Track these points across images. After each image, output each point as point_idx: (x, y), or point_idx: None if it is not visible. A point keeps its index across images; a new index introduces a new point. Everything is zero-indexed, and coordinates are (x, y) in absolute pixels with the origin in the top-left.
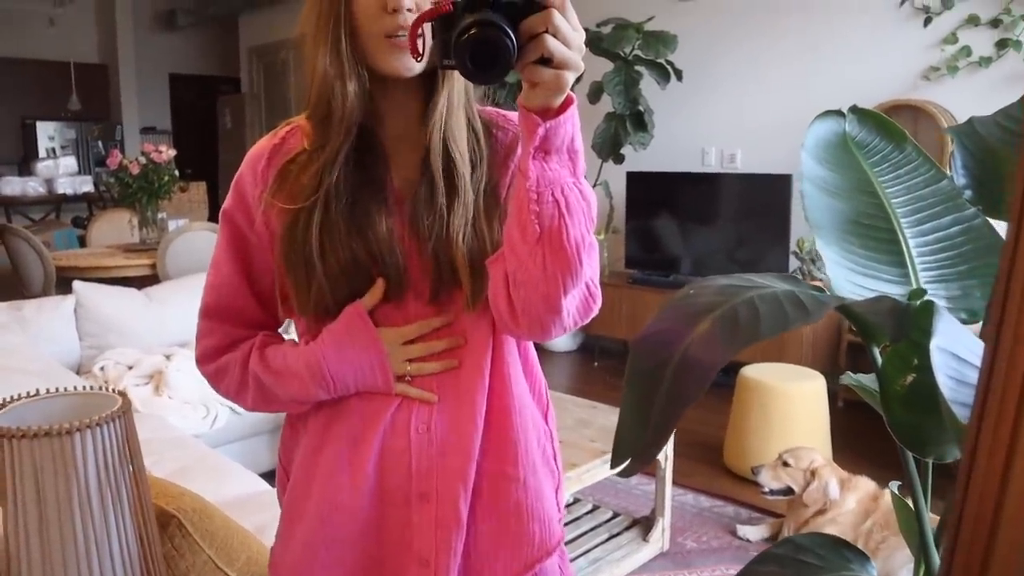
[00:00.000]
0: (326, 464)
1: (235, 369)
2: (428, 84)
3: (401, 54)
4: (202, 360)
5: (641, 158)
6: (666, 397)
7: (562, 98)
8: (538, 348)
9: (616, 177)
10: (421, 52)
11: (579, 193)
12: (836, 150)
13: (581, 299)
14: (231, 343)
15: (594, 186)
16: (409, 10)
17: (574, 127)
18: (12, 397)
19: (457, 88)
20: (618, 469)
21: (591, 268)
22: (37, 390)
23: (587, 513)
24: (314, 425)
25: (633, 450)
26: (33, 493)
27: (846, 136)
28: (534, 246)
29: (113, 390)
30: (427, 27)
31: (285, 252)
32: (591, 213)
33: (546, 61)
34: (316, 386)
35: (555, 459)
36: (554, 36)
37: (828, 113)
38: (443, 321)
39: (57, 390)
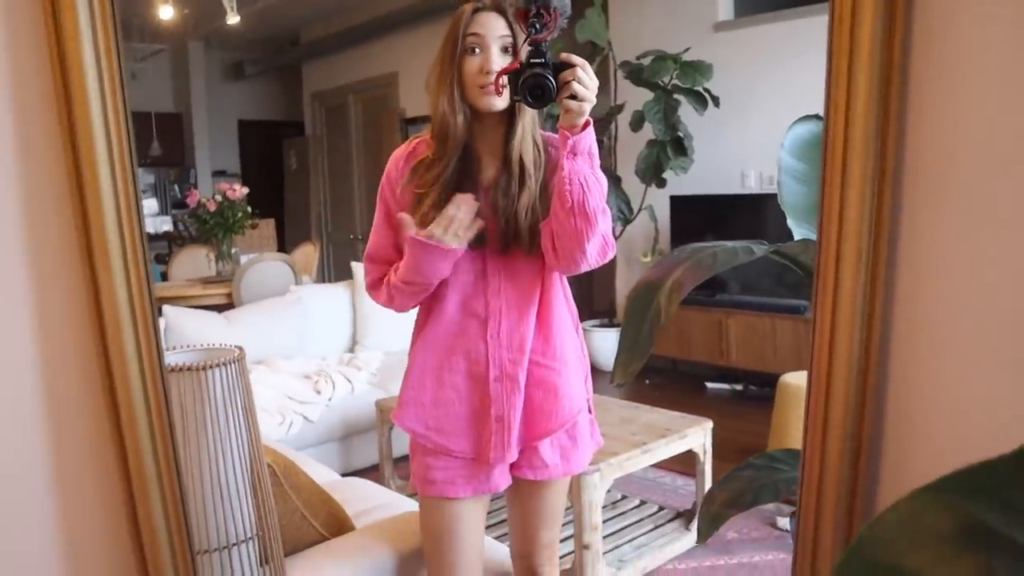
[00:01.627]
0: (439, 359)
1: (384, 289)
2: (508, 117)
3: (489, 97)
4: (370, 288)
5: (683, 182)
6: (652, 320)
7: (583, 120)
8: (593, 367)
9: (660, 202)
10: (501, 90)
11: (596, 178)
12: (810, 147)
13: (599, 246)
14: (382, 276)
15: (639, 210)
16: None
17: (591, 139)
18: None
19: (528, 119)
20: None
21: (605, 225)
22: (175, 346)
23: (633, 508)
24: (430, 333)
25: (625, 372)
26: (178, 414)
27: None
28: (568, 212)
29: (232, 346)
30: (504, 77)
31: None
32: (603, 191)
33: (573, 97)
34: (409, 272)
35: (583, 357)
36: (578, 83)
37: (807, 117)
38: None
39: (191, 346)
